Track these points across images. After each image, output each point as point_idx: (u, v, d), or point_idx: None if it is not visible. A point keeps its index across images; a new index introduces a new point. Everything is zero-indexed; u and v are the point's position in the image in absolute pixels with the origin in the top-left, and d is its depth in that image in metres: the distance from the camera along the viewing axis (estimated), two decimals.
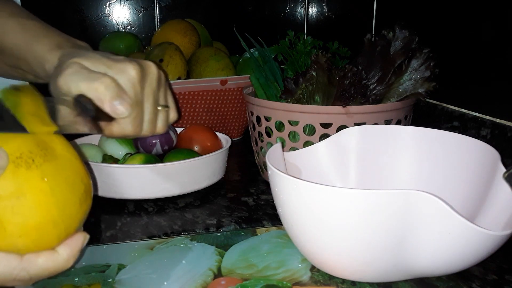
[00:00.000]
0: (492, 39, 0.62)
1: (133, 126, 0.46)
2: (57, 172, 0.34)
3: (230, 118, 0.85)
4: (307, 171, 0.51)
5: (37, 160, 0.33)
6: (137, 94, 0.45)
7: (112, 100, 0.42)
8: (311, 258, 0.42)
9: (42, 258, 0.34)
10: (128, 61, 0.46)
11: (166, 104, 0.51)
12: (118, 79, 0.44)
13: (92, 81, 0.42)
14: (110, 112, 0.43)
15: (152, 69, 0.48)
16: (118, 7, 1.01)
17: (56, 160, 0.34)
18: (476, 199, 0.44)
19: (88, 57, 0.45)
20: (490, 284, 0.40)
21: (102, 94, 0.42)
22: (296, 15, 1.11)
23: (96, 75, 0.43)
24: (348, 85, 0.54)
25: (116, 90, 0.43)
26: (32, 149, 0.33)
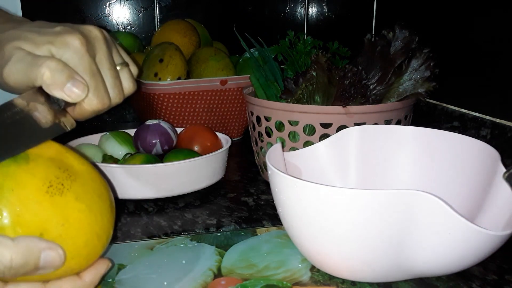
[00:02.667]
0: (492, 39, 0.62)
1: (98, 98, 0.42)
2: (85, 187, 0.35)
3: (230, 118, 0.85)
4: (307, 171, 0.51)
5: (66, 184, 0.34)
6: (90, 64, 0.41)
7: (63, 84, 0.38)
8: (311, 258, 0.42)
9: (66, 284, 0.34)
10: (68, 31, 0.42)
11: (124, 61, 0.46)
12: (63, 55, 0.40)
13: (38, 68, 0.38)
14: (66, 98, 0.39)
15: (95, 32, 0.44)
16: (118, 7, 1.01)
17: (79, 177, 0.35)
18: (476, 199, 0.44)
19: (26, 37, 0.41)
20: (490, 284, 0.40)
21: (51, 80, 0.38)
22: (296, 15, 1.11)
23: (40, 60, 0.39)
24: (348, 85, 0.54)
25: (64, 72, 0.39)
26: (57, 173, 0.34)
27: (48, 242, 0.31)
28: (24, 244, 0.30)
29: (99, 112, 0.43)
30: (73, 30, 0.42)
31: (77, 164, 0.36)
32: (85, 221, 0.34)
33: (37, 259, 0.30)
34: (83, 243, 0.34)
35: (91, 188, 0.36)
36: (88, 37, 0.43)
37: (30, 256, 0.30)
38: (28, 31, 0.42)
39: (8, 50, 0.40)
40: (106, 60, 0.43)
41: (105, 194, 0.37)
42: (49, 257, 0.31)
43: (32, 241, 0.30)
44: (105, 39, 0.45)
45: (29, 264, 0.30)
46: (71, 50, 0.41)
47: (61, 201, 0.33)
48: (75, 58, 0.41)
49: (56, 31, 0.42)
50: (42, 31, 0.42)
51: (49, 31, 0.42)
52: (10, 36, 0.42)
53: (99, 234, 0.35)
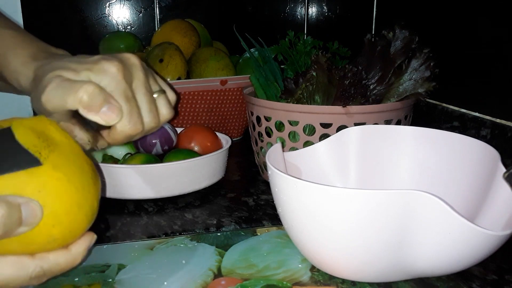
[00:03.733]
0: (492, 38, 0.62)
1: (131, 123, 0.43)
2: (64, 158, 0.35)
3: (230, 118, 0.85)
4: (307, 171, 0.51)
5: (43, 153, 0.34)
6: (125, 90, 0.43)
7: (99, 108, 0.40)
8: (311, 258, 0.42)
9: (52, 253, 0.35)
10: (106, 59, 0.44)
11: (161, 89, 0.48)
12: (101, 82, 0.42)
13: (75, 92, 0.40)
14: (101, 121, 0.41)
15: (132, 60, 0.46)
16: (118, 7, 1.01)
17: (59, 148, 0.35)
18: (476, 199, 0.44)
19: (65, 66, 0.43)
20: (490, 284, 0.40)
21: (88, 104, 0.40)
22: (296, 15, 1.11)
23: (77, 84, 0.40)
24: (348, 85, 0.54)
25: (100, 96, 0.40)
26: (35, 142, 0.34)
27: (24, 197, 0.32)
28: (2, 199, 0.31)
29: (132, 137, 0.45)
30: (111, 57, 0.44)
31: (59, 137, 0.36)
32: (62, 190, 0.34)
33: (19, 211, 0.31)
34: (63, 211, 0.34)
35: (71, 160, 0.35)
36: (126, 64, 0.44)
37: (11, 208, 0.31)
38: (68, 61, 0.44)
39: (47, 78, 0.42)
40: (142, 86, 0.45)
41: (87, 168, 0.37)
42: (29, 208, 0.31)
43: (9, 197, 0.31)
44: (142, 66, 0.46)
45: (13, 216, 0.31)
46: (109, 76, 0.42)
47: (37, 170, 0.33)
48: (112, 84, 0.42)
49: (95, 59, 0.44)
50: (82, 61, 0.44)
51: (88, 60, 0.44)
52: (51, 67, 0.44)
53: (80, 204, 0.35)
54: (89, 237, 0.37)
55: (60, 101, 0.40)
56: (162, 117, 0.47)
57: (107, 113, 0.41)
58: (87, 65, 0.43)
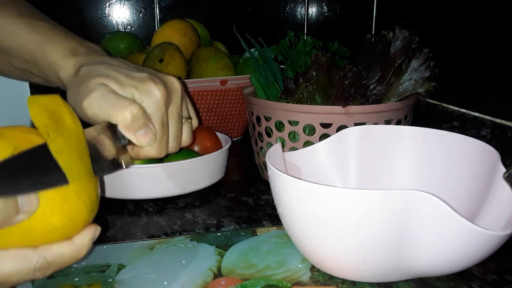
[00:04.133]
0: (492, 38, 0.62)
1: (158, 148, 0.45)
2: (69, 145, 0.34)
3: (230, 118, 0.85)
4: (307, 171, 0.51)
5: (51, 135, 0.33)
6: (163, 117, 0.45)
7: (138, 130, 0.42)
8: (311, 258, 0.42)
9: (56, 245, 0.34)
10: (153, 80, 0.45)
11: (189, 116, 0.50)
12: (144, 102, 0.44)
13: (121, 110, 0.41)
14: (134, 141, 0.43)
15: (176, 85, 0.47)
16: (118, 7, 1.01)
17: (66, 132, 0.34)
18: (476, 199, 0.44)
19: (112, 76, 0.44)
20: (490, 284, 0.40)
21: (129, 124, 0.42)
22: (296, 15, 1.11)
23: (124, 103, 0.42)
24: (348, 85, 0.54)
25: (142, 119, 0.42)
26: (46, 122, 0.33)
27: None
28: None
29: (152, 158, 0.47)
30: (157, 79, 0.45)
31: (69, 121, 0.36)
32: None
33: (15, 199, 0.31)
34: (60, 198, 0.33)
35: (74, 148, 0.35)
36: (169, 88, 0.46)
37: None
38: (116, 71, 0.45)
39: (92, 84, 0.42)
40: (176, 113, 0.47)
41: (87, 159, 0.36)
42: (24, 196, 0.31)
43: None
44: (182, 93, 0.48)
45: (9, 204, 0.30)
46: (152, 99, 0.44)
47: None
48: (153, 107, 0.44)
49: (142, 77, 0.45)
50: (129, 74, 0.45)
51: (136, 75, 0.45)
52: (97, 71, 0.44)
53: (78, 192, 0.34)
54: (93, 228, 0.37)
55: (103, 113, 0.41)
56: (183, 142, 0.50)
57: (143, 135, 0.42)
58: (134, 81, 0.44)
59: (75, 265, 0.43)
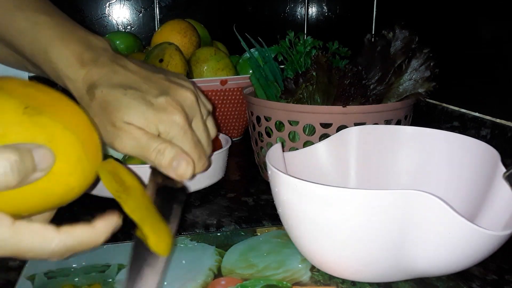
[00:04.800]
0: (492, 38, 0.62)
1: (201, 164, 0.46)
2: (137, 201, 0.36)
3: (230, 118, 0.85)
4: (307, 171, 0.51)
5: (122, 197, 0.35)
6: (192, 137, 0.45)
7: (170, 164, 0.43)
8: (311, 258, 0.42)
9: (78, 229, 0.34)
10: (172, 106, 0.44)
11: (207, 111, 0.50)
12: (170, 133, 0.44)
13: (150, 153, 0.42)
14: (173, 176, 0.43)
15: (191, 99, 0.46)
16: (118, 7, 1.01)
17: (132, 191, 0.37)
18: (476, 199, 0.44)
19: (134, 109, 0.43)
20: (490, 284, 0.40)
21: (158, 161, 0.42)
22: (296, 15, 1.11)
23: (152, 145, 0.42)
24: (348, 85, 0.54)
25: (170, 155, 0.43)
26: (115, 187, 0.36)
27: (31, 143, 0.31)
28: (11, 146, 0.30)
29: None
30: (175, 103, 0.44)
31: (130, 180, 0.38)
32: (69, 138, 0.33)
33: (31, 156, 0.30)
34: (75, 159, 0.34)
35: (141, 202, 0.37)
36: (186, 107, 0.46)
37: (22, 153, 0.30)
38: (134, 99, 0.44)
39: (118, 122, 0.43)
40: (200, 123, 0.47)
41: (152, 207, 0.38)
42: (40, 152, 0.31)
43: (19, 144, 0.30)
44: (197, 101, 0.47)
45: (26, 161, 0.30)
46: (177, 128, 0.44)
47: (41, 120, 0.32)
48: (180, 135, 0.44)
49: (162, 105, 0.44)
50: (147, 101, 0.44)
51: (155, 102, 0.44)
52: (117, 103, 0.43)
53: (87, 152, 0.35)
54: (115, 218, 0.37)
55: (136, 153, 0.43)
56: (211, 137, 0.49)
57: (177, 168, 0.43)
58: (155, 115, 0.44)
59: (75, 265, 0.43)
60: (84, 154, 0.35)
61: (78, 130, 0.35)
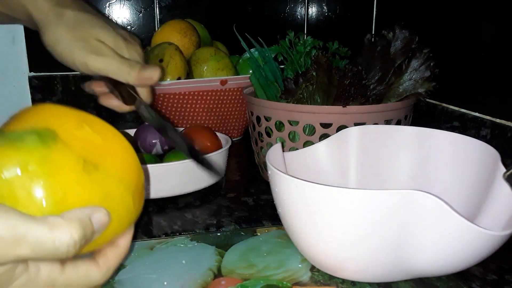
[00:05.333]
0: (492, 39, 0.62)
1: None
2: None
3: (230, 118, 0.85)
4: (307, 171, 0.51)
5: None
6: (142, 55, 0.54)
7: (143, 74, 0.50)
8: (311, 258, 0.42)
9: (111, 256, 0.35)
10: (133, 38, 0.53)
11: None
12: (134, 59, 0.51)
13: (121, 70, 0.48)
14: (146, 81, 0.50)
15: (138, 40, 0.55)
16: (118, 7, 1.01)
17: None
18: (476, 199, 0.44)
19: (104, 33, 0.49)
20: (490, 284, 0.40)
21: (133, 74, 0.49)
22: (296, 15, 1.11)
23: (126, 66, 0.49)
24: (348, 85, 0.54)
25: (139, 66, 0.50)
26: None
27: (88, 208, 0.31)
28: (73, 216, 0.29)
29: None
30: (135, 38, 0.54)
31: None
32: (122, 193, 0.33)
33: (91, 224, 0.30)
34: (125, 212, 0.34)
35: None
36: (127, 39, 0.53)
37: (85, 224, 0.30)
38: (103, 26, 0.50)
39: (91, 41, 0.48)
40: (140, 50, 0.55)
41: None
42: (98, 218, 0.31)
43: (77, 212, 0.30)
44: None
45: (87, 232, 0.30)
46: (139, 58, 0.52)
47: (98, 177, 0.32)
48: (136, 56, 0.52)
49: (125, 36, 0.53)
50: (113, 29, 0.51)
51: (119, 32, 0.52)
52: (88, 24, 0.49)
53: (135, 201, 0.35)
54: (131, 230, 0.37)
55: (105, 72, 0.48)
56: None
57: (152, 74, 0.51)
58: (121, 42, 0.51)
59: None
60: (133, 205, 0.35)
61: (130, 180, 0.34)
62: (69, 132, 0.32)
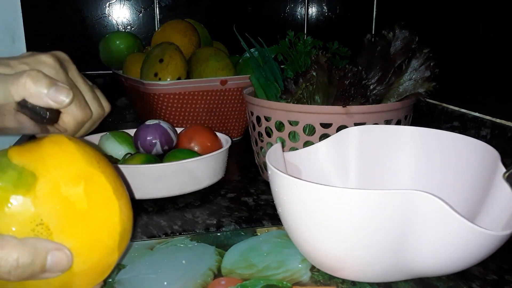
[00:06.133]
0: (492, 39, 0.62)
1: (81, 109, 0.42)
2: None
3: (230, 118, 0.85)
4: (307, 171, 0.51)
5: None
6: (66, 78, 0.42)
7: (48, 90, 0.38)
8: (311, 258, 0.42)
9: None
10: (38, 53, 0.43)
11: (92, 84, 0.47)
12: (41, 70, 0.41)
13: (18, 79, 0.38)
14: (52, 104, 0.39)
15: (63, 55, 0.45)
16: (118, 7, 1.01)
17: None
18: (476, 199, 0.44)
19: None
20: (490, 284, 0.40)
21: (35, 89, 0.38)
22: (296, 15, 1.11)
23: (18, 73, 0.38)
24: (348, 85, 0.54)
25: (46, 79, 0.39)
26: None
27: (55, 244, 0.30)
28: (31, 243, 0.29)
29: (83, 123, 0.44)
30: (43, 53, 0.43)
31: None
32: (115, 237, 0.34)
33: (44, 259, 0.30)
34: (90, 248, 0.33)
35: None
36: (59, 57, 0.44)
37: (36, 255, 0.29)
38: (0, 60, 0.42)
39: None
40: (79, 77, 0.44)
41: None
42: (56, 257, 0.30)
43: (40, 242, 0.30)
44: (72, 61, 0.45)
45: (36, 264, 0.29)
46: (47, 66, 0.41)
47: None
48: (52, 73, 0.41)
49: (27, 54, 0.43)
50: (13, 58, 0.42)
51: (20, 56, 0.43)
52: None
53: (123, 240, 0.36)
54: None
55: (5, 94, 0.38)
56: (105, 107, 0.47)
57: (56, 94, 0.39)
58: (21, 59, 0.41)
59: None
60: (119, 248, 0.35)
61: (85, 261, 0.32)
62: (55, 185, 0.31)
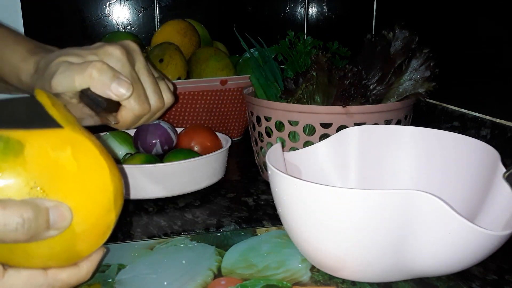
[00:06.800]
0: (492, 38, 0.62)
1: (140, 103, 0.45)
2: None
3: (230, 118, 0.85)
4: (307, 171, 0.51)
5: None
6: (131, 72, 0.44)
7: (111, 82, 0.41)
8: (311, 258, 0.42)
9: (65, 273, 0.34)
10: (108, 44, 0.45)
11: (160, 75, 0.50)
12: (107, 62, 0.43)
13: (84, 70, 0.41)
14: (113, 96, 0.42)
15: (132, 45, 0.47)
16: (118, 7, 1.01)
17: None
18: (476, 199, 0.44)
19: (70, 53, 0.44)
20: (490, 284, 0.40)
21: (98, 79, 0.41)
22: (296, 15, 1.11)
23: (85, 64, 0.42)
24: (348, 85, 0.54)
25: (110, 71, 0.42)
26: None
27: (54, 201, 0.30)
28: (31, 201, 0.29)
29: (140, 117, 0.46)
30: (113, 43, 0.46)
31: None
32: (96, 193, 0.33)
33: (47, 214, 0.30)
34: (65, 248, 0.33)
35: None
36: (127, 49, 0.46)
37: (39, 210, 0.29)
38: (72, 49, 0.46)
39: (54, 64, 0.43)
40: (144, 69, 0.47)
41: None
42: (57, 212, 0.30)
43: (39, 200, 0.30)
44: (141, 52, 0.48)
45: (40, 219, 0.30)
46: (114, 58, 0.44)
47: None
48: (117, 66, 0.44)
49: (98, 45, 0.46)
50: (84, 48, 0.46)
51: (91, 46, 0.46)
52: (55, 55, 0.45)
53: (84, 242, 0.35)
54: (100, 253, 0.37)
55: (70, 82, 0.41)
56: (166, 100, 0.48)
57: (118, 87, 0.42)
58: (91, 50, 0.45)
59: None
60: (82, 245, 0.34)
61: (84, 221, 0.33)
62: (43, 150, 0.31)
